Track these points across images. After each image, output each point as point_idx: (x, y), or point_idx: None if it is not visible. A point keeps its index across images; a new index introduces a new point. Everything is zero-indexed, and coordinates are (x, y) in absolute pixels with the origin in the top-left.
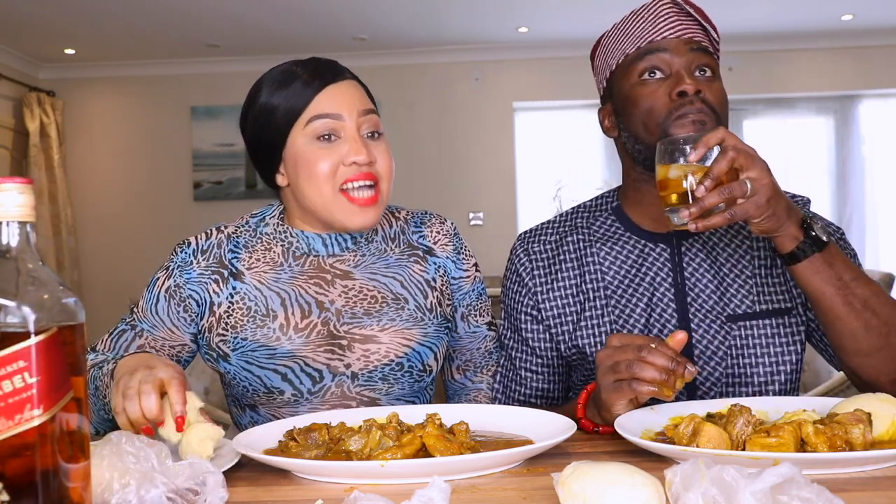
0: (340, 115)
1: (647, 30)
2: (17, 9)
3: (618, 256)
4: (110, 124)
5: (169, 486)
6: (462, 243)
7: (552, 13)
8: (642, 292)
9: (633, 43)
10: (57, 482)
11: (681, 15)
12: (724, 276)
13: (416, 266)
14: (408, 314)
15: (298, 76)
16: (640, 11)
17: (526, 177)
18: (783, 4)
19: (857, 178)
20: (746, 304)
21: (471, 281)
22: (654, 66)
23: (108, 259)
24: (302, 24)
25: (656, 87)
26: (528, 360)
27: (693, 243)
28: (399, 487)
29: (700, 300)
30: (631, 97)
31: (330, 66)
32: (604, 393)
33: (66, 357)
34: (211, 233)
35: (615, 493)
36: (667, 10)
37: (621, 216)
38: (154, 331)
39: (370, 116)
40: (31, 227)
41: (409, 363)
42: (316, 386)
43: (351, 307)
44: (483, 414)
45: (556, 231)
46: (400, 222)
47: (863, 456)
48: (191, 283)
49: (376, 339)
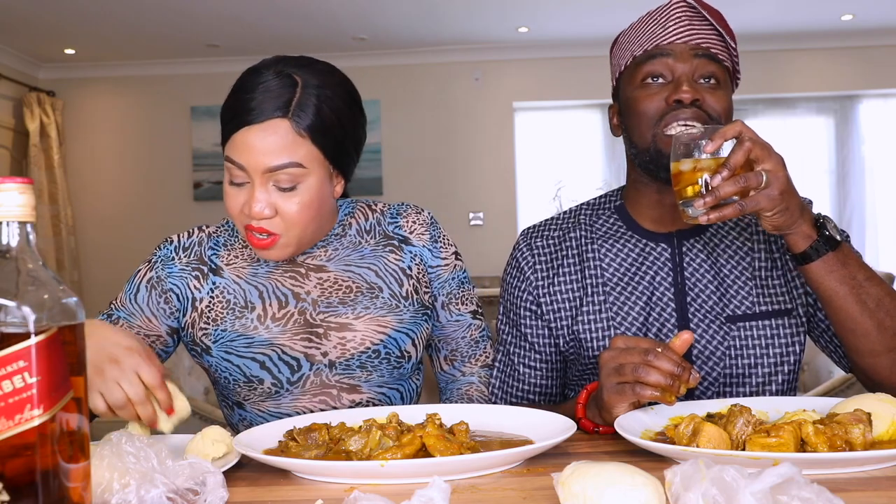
0: (244, 167)
1: (656, 32)
2: (17, 9)
3: (618, 254)
4: (110, 124)
5: (169, 486)
6: (439, 232)
7: (552, 13)
8: (642, 291)
9: (642, 45)
10: (57, 482)
11: (693, 19)
12: (724, 276)
13: (391, 256)
14: (382, 302)
15: (237, 98)
16: (654, 12)
17: (526, 177)
18: (783, 4)
19: (857, 178)
20: (746, 305)
21: (450, 269)
22: (657, 72)
23: (108, 259)
24: (302, 24)
25: (656, 92)
26: (525, 355)
27: (694, 244)
28: (399, 487)
29: (700, 300)
30: (632, 99)
31: (275, 93)
32: (606, 394)
33: (66, 357)
34: (193, 231)
35: (615, 493)
36: (679, 12)
37: (624, 215)
38: (131, 319)
39: (285, 171)
40: (31, 227)
41: (387, 350)
42: (295, 375)
43: (326, 297)
44: (483, 414)
45: (559, 227)
46: (376, 214)
47: (863, 456)
48: (172, 277)
49: (351, 327)
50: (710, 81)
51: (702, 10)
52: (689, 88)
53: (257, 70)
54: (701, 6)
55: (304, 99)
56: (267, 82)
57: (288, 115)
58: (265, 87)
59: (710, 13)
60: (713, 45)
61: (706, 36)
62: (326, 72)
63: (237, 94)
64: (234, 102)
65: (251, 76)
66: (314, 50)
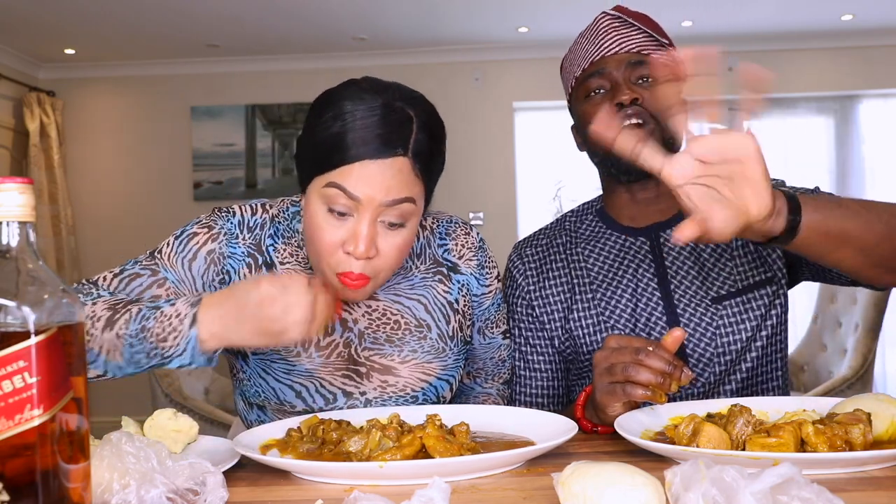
0: (359, 199)
1: (590, 50)
2: (17, 9)
3: (601, 253)
4: (110, 124)
5: (169, 486)
6: (486, 256)
7: (552, 13)
8: (626, 284)
9: (580, 65)
10: (57, 482)
11: (620, 28)
12: (704, 260)
13: (440, 286)
14: (429, 345)
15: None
16: (585, 32)
17: (526, 177)
18: (783, 4)
19: (857, 178)
20: (728, 284)
21: (491, 296)
22: (598, 85)
23: (108, 259)
24: (302, 24)
25: (599, 102)
26: (529, 360)
27: (671, 233)
28: (399, 488)
29: (683, 286)
30: (583, 114)
31: (396, 128)
32: (598, 395)
33: (66, 357)
34: (256, 209)
35: (615, 493)
36: (605, 25)
37: (604, 216)
38: (179, 285)
39: (398, 207)
40: (31, 227)
41: (425, 395)
42: (328, 405)
43: (374, 331)
44: (484, 415)
45: (546, 236)
46: (426, 233)
47: (863, 456)
48: (234, 258)
49: (395, 372)
50: (647, 80)
51: (627, 17)
52: (626, 90)
53: (361, 98)
54: (625, 14)
55: (419, 136)
56: (385, 115)
57: (408, 153)
58: (386, 121)
59: (636, 18)
60: (644, 47)
61: (636, 40)
62: (427, 105)
63: (346, 122)
64: (344, 131)
65: (358, 105)
66: (314, 50)
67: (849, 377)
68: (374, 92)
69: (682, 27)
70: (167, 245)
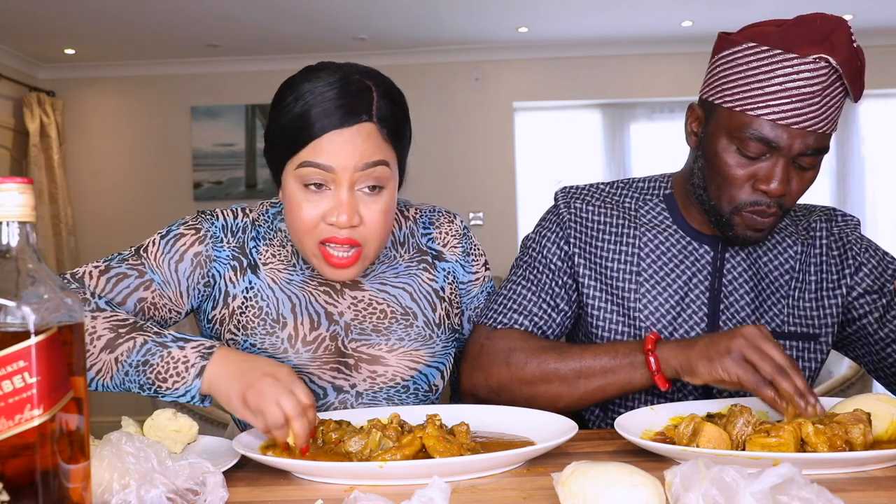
0: (332, 169)
1: (772, 101)
2: (17, 9)
3: (659, 246)
4: (110, 124)
5: (169, 486)
6: (471, 243)
7: (552, 13)
8: (676, 289)
9: (751, 103)
10: (57, 482)
11: (825, 93)
12: (761, 290)
13: (425, 274)
14: (416, 332)
15: (315, 104)
16: (789, 62)
17: (526, 177)
18: (783, 4)
19: (857, 177)
20: (777, 323)
21: (479, 283)
22: (759, 151)
23: None
24: (302, 24)
25: (746, 164)
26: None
27: (738, 252)
28: (399, 488)
29: (733, 309)
30: (719, 154)
31: (356, 98)
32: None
33: (66, 357)
34: (237, 213)
35: (615, 493)
36: (817, 85)
37: (672, 206)
38: (164, 287)
39: (372, 170)
40: (31, 227)
41: (416, 385)
42: (319, 401)
43: (360, 322)
44: (484, 415)
45: (602, 199)
46: (409, 223)
47: (863, 456)
48: (219, 261)
49: (384, 361)
50: (808, 158)
51: (842, 74)
52: (780, 182)
53: (317, 76)
54: (844, 68)
55: (380, 103)
56: (343, 87)
57: (372, 118)
58: (345, 92)
59: (851, 74)
60: (831, 125)
61: (831, 116)
62: (384, 77)
63: (307, 101)
64: (307, 109)
65: (317, 83)
66: (314, 50)
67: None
68: (330, 70)
69: (683, 27)
70: (153, 244)
